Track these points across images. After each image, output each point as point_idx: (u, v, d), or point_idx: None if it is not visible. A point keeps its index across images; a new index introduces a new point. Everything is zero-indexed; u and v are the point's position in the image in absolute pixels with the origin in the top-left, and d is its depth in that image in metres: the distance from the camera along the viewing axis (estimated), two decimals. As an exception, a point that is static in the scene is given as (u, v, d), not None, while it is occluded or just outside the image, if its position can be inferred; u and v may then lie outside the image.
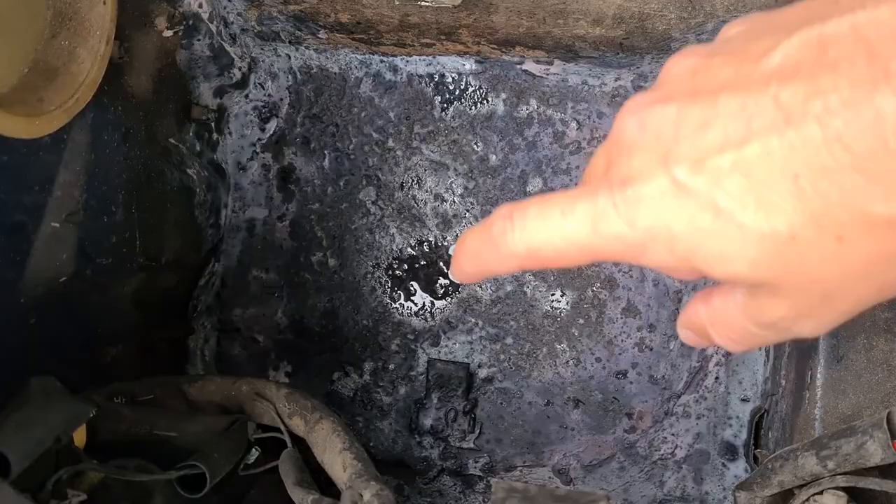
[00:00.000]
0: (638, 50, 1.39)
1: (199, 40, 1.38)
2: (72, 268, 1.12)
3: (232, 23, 1.44)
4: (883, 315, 1.14)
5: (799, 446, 1.02)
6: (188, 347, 1.53)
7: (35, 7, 1.02)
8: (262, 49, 1.53)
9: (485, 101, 1.51)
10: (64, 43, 1.05)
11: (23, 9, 1.00)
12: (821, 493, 0.98)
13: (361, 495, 0.97)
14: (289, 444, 1.18)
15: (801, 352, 1.25)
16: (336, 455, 1.08)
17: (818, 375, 1.16)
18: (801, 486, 1.02)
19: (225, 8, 1.41)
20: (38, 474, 0.89)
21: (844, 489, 0.96)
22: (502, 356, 1.53)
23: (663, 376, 1.48)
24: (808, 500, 0.99)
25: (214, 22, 1.40)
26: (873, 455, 0.92)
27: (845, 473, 0.96)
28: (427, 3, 1.20)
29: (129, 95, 1.24)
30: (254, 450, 1.22)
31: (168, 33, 1.31)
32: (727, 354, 1.46)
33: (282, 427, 1.20)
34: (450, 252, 1.54)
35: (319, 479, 1.15)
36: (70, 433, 0.89)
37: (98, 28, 1.06)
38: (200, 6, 1.35)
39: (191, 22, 1.34)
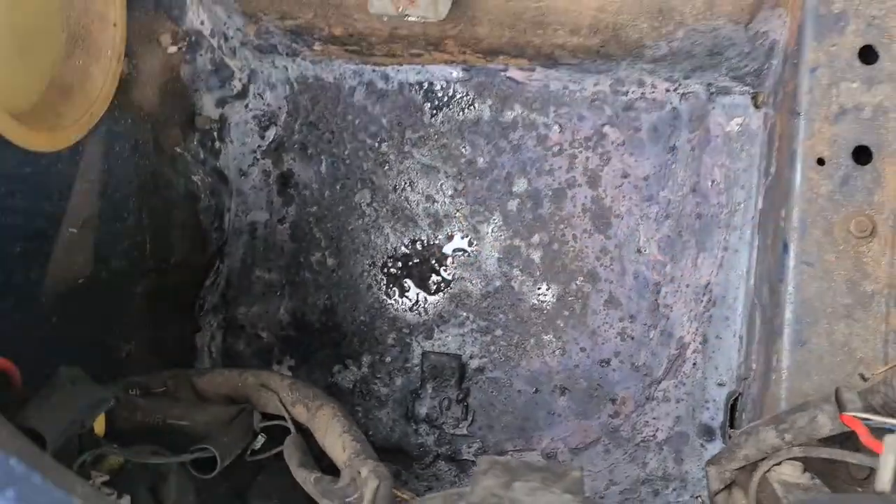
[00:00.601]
0: (614, 57, 1.48)
1: (201, 55, 1.47)
2: (88, 270, 1.21)
3: (232, 38, 1.54)
4: (843, 301, 1.23)
5: (761, 422, 1.11)
6: (196, 344, 1.62)
7: (52, 31, 1.11)
8: (260, 61, 1.62)
9: (472, 107, 1.60)
10: (78, 63, 1.15)
11: (41, 33, 1.10)
12: (780, 463, 1.07)
13: (360, 472, 1.06)
14: (292, 430, 1.27)
15: (769, 337, 1.34)
16: (336, 438, 1.17)
17: (783, 359, 1.25)
18: (763, 459, 1.11)
19: (225, 24, 1.50)
20: (65, 458, 0.98)
21: (801, 459, 1.05)
22: (492, 347, 1.62)
23: (644, 363, 1.57)
24: (769, 470, 1.08)
25: (216, 38, 1.49)
26: (823, 427, 1.01)
27: (801, 445, 1.05)
28: (413, 19, 1.29)
29: (138, 108, 1.33)
30: (259, 436, 1.30)
31: (172, 49, 1.40)
32: (703, 342, 1.55)
33: (285, 415, 1.29)
34: (443, 251, 1.63)
35: (322, 464, 1.24)
36: (94, 418, 0.98)
37: (109, 48, 1.16)
38: (202, 23, 1.44)
39: (193, 38, 1.43)
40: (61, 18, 1.12)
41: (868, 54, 1.24)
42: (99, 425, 1.13)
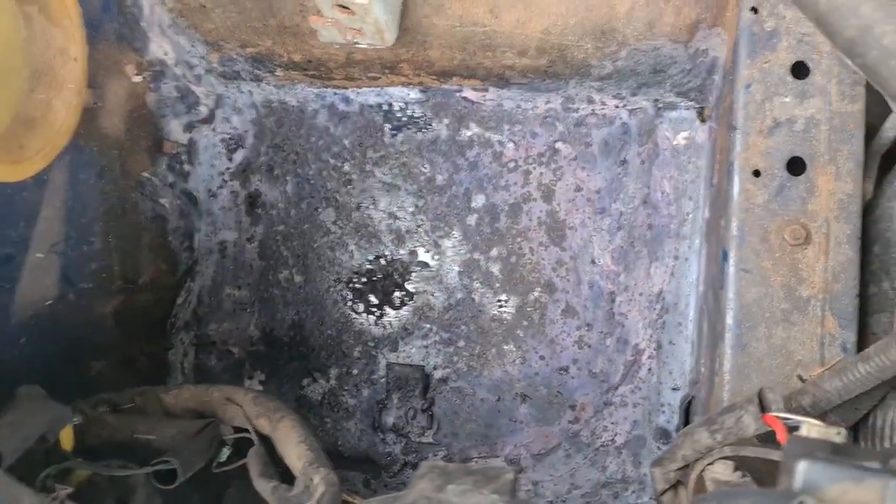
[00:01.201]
0: (562, 76, 1.54)
1: (166, 83, 1.53)
2: (56, 292, 1.27)
3: (196, 65, 1.60)
4: (780, 306, 1.28)
5: (695, 423, 1.16)
6: (168, 361, 1.67)
7: (16, 68, 1.17)
8: (226, 87, 1.68)
9: (429, 127, 1.67)
10: (41, 96, 1.20)
11: (5, 68, 1.15)
12: (713, 462, 1.12)
13: (312, 479, 1.11)
14: (255, 442, 1.32)
15: (713, 341, 1.39)
16: (293, 447, 1.22)
17: (725, 362, 1.30)
18: (699, 459, 1.16)
19: (189, 53, 1.56)
20: (29, 472, 1.04)
21: (732, 458, 1.10)
22: (455, 358, 1.67)
23: (601, 370, 1.63)
24: (703, 469, 1.14)
25: (179, 66, 1.55)
26: (748, 426, 1.06)
27: (731, 444, 1.10)
28: (363, 46, 1.35)
29: (104, 136, 1.39)
30: (225, 448, 1.36)
31: (137, 79, 1.46)
32: (658, 347, 1.61)
33: (249, 427, 1.34)
34: (406, 265, 1.69)
35: (286, 475, 1.29)
36: (55, 433, 1.04)
37: (71, 81, 1.22)
38: (166, 53, 1.50)
39: (158, 68, 1.49)
40: (24, 55, 1.18)
41: (800, 69, 1.30)
42: (67, 440, 1.19)
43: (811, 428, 0.88)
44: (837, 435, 0.85)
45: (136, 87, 1.47)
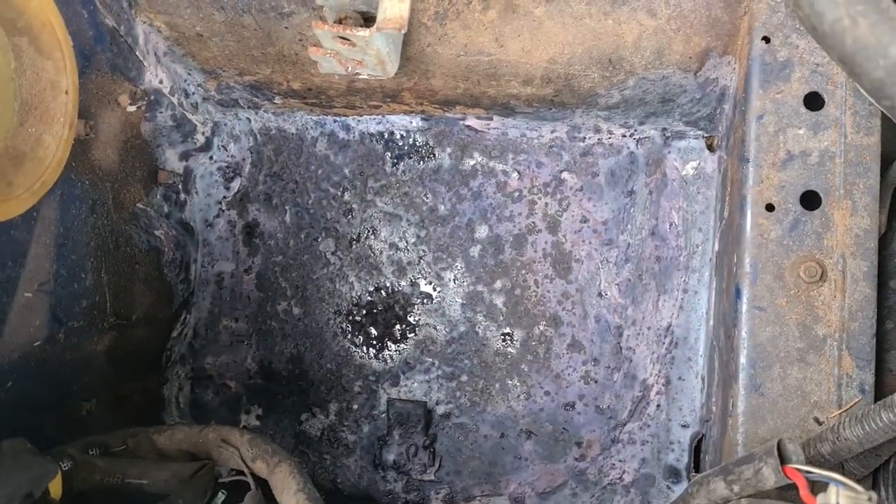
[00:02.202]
0: (569, 105, 1.50)
1: (161, 112, 1.49)
2: (45, 332, 1.22)
3: (193, 93, 1.56)
4: (796, 346, 1.24)
5: (711, 472, 1.12)
6: (163, 396, 1.63)
7: (5, 99, 1.13)
8: (223, 114, 1.64)
9: (432, 156, 1.62)
10: (31, 130, 1.16)
11: (-7, 102, 1.11)
12: (729, 514, 1.08)
13: (310, 533, 1.06)
14: (252, 486, 1.28)
15: (725, 380, 1.35)
16: (291, 496, 1.18)
17: (739, 403, 1.26)
18: (714, 509, 1.11)
19: (185, 81, 1.52)
20: (15, 526, 0.99)
21: (749, 510, 1.06)
22: (458, 393, 1.62)
23: (609, 406, 1.58)
24: (719, 521, 1.09)
25: (176, 95, 1.51)
26: (768, 479, 1.02)
27: (749, 496, 1.06)
28: (365, 76, 1.31)
29: (97, 168, 1.35)
30: (220, 493, 1.31)
31: (132, 108, 1.42)
32: (667, 383, 1.56)
33: (245, 471, 1.29)
34: (408, 298, 1.64)
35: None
36: (40, 489, 0.99)
37: (62, 115, 1.17)
38: (161, 82, 1.46)
39: (153, 97, 1.45)
40: (13, 87, 1.14)
41: (814, 101, 1.26)
42: (55, 488, 1.14)
43: (841, 492, 0.83)
44: (868, 501, 0.81)
45: (131, 117, 1.43)
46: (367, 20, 1.21)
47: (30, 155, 1.15)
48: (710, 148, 1.55)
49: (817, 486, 0.98)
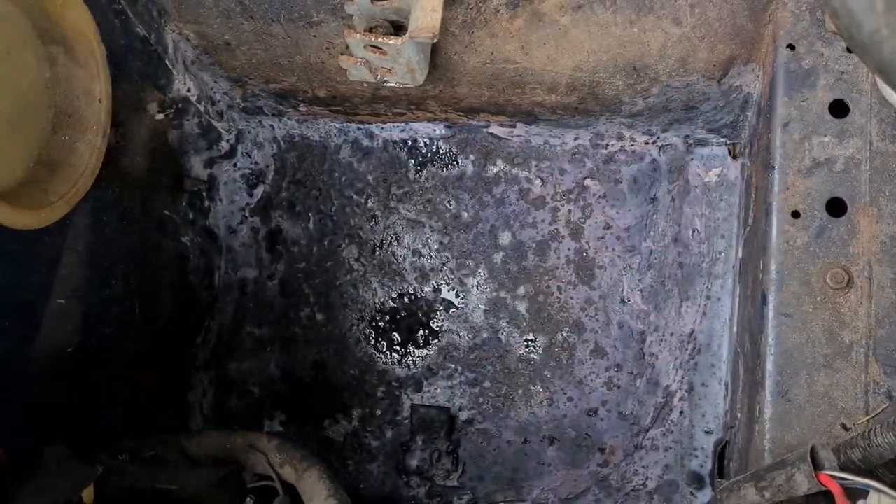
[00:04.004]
0: (592, 112, 1.51)
1: (188, 120, 1.50)
2: (77, 339, 1.23)
3: (219, 101, 1.57)
4: (822, 352, 1.24)
5: (741, 478, 1.12)
6: (188, 401, 1.63)
7: (39, 108, 1.14)
8: (247, 122, 1.66)
9: (455, 163, 1.63)
10: (65, 138, 1.17)
11: (29, 109, 1.12)
12: (760, 521, 1.08)
13: (343, 539, 1.07)
14: (280, 491, 1.28)
15: (751, 387, 1.35)
16: (322, 501, 1.18)
17: (766, 409, 1.26)
18: (745, 516, 1.12)
19: (212, 89, 1.54)
20: (51, 531, 1.00)
21: (781, 516, 1.06)
22: (481, 399, 1.63)
23: (631, 412, 1.59)
24: (750, 527, 1.09)
25: (202, 103, 1.52)
26: (801, 485, 1.02)
27: (781, 503, 1.06)
28: (393, 85, 1.32)
29: (126, 176, 1.36)
30: (248, 498, 1.32)
31: (160, 116, 1.43)
32: (690, 389, 1.56)
33: (273, 476, 1.30)
34: (431, 304, 1.65)
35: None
36: (79, 494, 1.00)
37: (95, 123, 1.18)
38: (189, 90, 1.47)
39: (180, 105, 1.46)
40: (48, 95, 1.15)
41: (839, 108, 1.27)
42: (87, 494, 1.15)
43: (883, 500, 0.83)
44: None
45: (159, 125, 1.44)
46: (397, 28, 1.22)
47: (64, 163, 1.16)
48: (733, 155, 1.56)
49: (850, 494, 0.99)
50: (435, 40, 1.14)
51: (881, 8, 0.79)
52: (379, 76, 1.26)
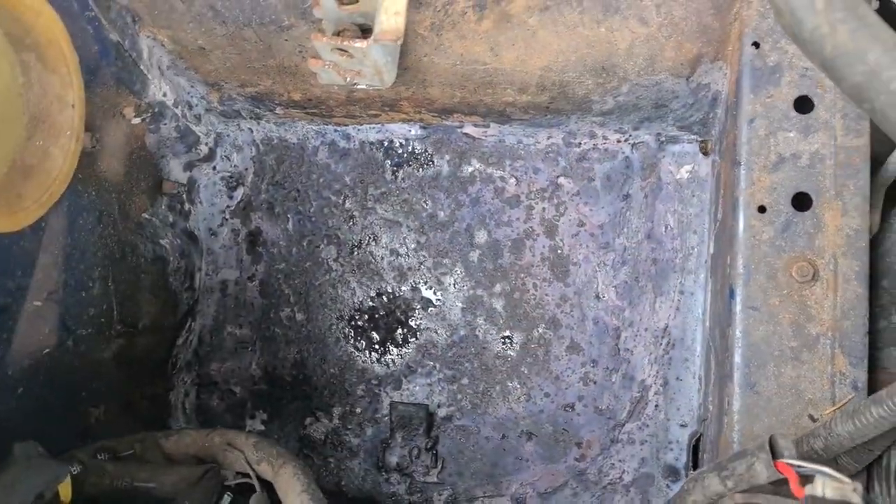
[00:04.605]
0: (564, 111, 1.53)
1: (165, 124, 1.52)
2: (54, 340, 1.25)
3: (196, 105, 1.59)
4: (789, 344, 1.26)
5: (706, 469, 1.14)
6: (169, 402, 1.65)
7: (13, 114, 1.16)
8: (226, 125, 1.68)
9: (431, 163, 1.65)
10: (39, 143, 1.19)
11: (3, 116, 1.15)
12: (724, 510, 1.10)
13: (315, 532, 1.09)
14: (257, 488, 1.30)
15: (721, 379, 1.37)
16: (296, 496, 1.20)
17: (734, 402, 1.28)
18: (709, 505, 1.14)
19: (188, 93, 1.56)
20: (27, 529, 1.01)
21: (743, 505, 1.08)
22: (459, 396, 1.65)
23: (608, 407, 1.61)
24: (714, 517, 1.11)
25: (179, 107, 1.54)
26: (760, 474, 1.04)
27: (743, 492, 1.08)
28: (363, 86, 1.34)
29: (103, 180, 1.38)
30: (226, 495, 1.33)
31: (136, 121, 1.45)
32: (664, 384, 1.58)
33: (251, 473, 1.32)
34: (412, 305, 1.67)
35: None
36: (52, 491, 1.01)
37: (68, 128, 1.21)
38: (165, 95, 1.49)
39: (157, 109, 1.48)
40: (22, 102, 1.17)
41: (804, 104, 1.29)
42: (65, 492, 1.17)
43: (827, 483, 0.86)
44: (854, 492, 0.83)
45: (135, 129, 1.46)
46: (365, 32, 1.24)
47: (38, 168, 1.18)
48: (704, 152, 1.58)
49: (808, 480, 1.01)
50: (399, 42, 1.16)
51: (821, 6, 0.81)
52: (348, 79, 1.29)
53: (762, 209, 1.27)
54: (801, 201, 1.27)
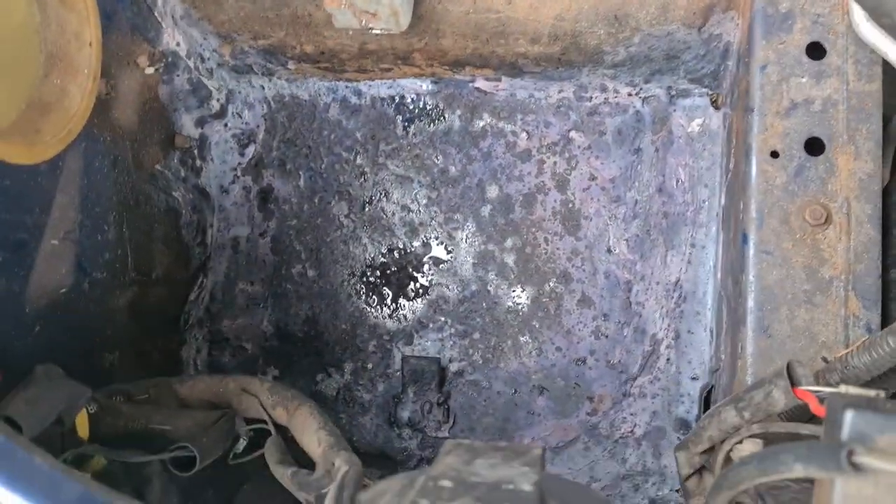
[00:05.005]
0: (575, 63, 1.53)
1: (178, 76, 1.53)
2: (70, 281, 1.26)
3: (208, 58, 1.59)
4: (802, 287, 1.27)
5: (721, 403, 1.14)
6: (181, 357, 1.66)
7: (30, 51, 1.17)
8: (237, 81, 1.68)
9: (442, 118, 1.66)
10: (56, 81, 1.20)
11: (20, 53, 1.15)
12: (741, 441, 1.10)
13: (333, 463, 1.09)
14: (273, 431, 1.31)
15: (734, 326, 1.37)
16: (312, 434, 1.20)
17: (748, 346, 1.29)
18: (726, 439, 1.14)
19: (201, 45, 1.56)
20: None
21: (760, 435, 1.08)
22: (471, 350, 1.65)
23: (619, 361, 1.61)
24: (731, 449, 1.11)
25: (192, 59, 1.55)
26: (778, 401, 1.04)
27: (759, 422, 1.08)
28: (377, 31, 1.34)
29: (117, 127, 1.38)
30: (242, 440, 1.34)
31: (150, 70, 1.45)
32: (676, 337, 1.59)
33: (266, 418, 1.32)
34: (423, 260, 1.67)
35: (302, 463, 1.27)
36: (72, 414, 1.02)
37: (85, 67, 1.21)
38: (178, 45, 1.50)
39: (170, 59, 1.49)
40: (39, 39, 1.17)
41: (815, 50, 1.29)
42: (83, 428, 1.17)
43: (849, 390, 0.86)
44: (877, 396, 0.83)
45: (149, 79, 1.46)
46: (381, -28, 1.24)
47: (55, 105, 1.18)
48: (715, 105, 1.58)
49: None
50: (417, -22, 1.16)
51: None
52: (364, 21, 1.29)
53: (775, 154, 1.28)
54: (814, 146, 1.27)
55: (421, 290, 1.67)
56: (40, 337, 1.21)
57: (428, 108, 1.66)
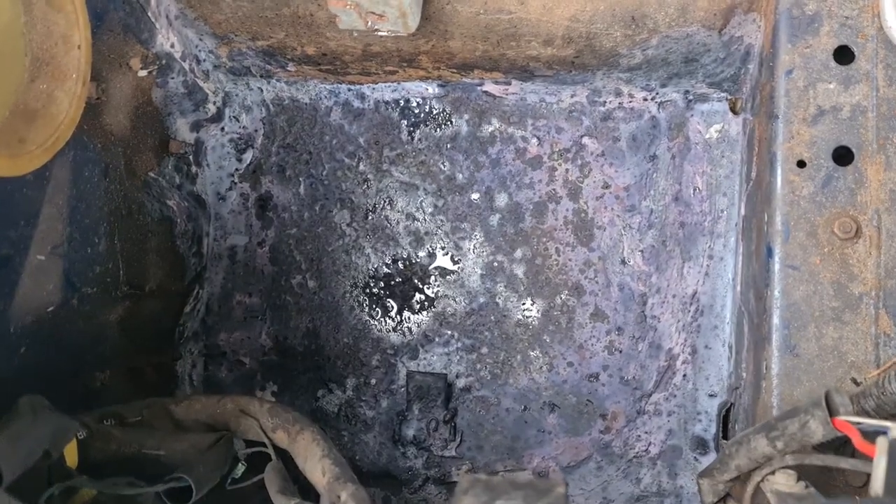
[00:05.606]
0: (589, 67, 1.46)
1: (172, 78, 1.45)
2: (58, 297, 1.18)
3: (204, 60, 1.52)
4: (831, 304, 1.21)
5: (751, 430, 1.08)
6: (176, 372, 1.59)
7: (14, 55, 1.09)
8: (234, 84, 1.61)
9: (449, 123, 1.59)
10: (42, 86, 1.12)
11: (3, 57, 1.07)
12: (773, 472, 1.04)
13: (339, 496, 1.03)
14: (273, 456, 1.24)
15: (757, 344, 1.31)
16: (316, 462, 1.14)
17: (773, 365, 1.22)
18: (756, 469, 1.08)
19: (196, 46, 1.49)
20: (31, 490, 0.95)
21: (794, 467, 1.02)
22: (479, 365, 1.59)
23: (634, 377, 1.55)
24: (762, 480, 1.05)
25: (187, 61, 1.47)
26: (815, 432, 0.98)
27: (793, 452, 1.02)
28: (383, 33, 1.27)
29: (108, 133, 1.31)
30: (240, 464, 1.27)
31: (143, 73, 1.38)
32: (693, 352, 1.52)
33: (266, 441, 1.26)
34: (426, 269, 1.60)
35: (305, 490, 1.21)
36: (59, 448, 0.95)
37: (74, 71, 1.13)
38: (173, 46, 1.42)
39: (164, 62, 1.41)
40: (24, 42, 1.10)
41: (843, 54, 1.23)
42: (71, 456, 1.10)
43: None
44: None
45: (142, 82, 1.39)
46: (389, -29, 1.17)
47: (42, 112, 1.11)
48: (734, 110, 1.52)
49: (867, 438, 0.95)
50: (428, -22, 1.09)
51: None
52: (370, 23, 1.22)
53: (801, 164, 1.22)
54: (843, 155, 1.21)
55: (426, 303, 1.61)
56: (26, 357, 1.14)
57: (434, 112, 1.59)
